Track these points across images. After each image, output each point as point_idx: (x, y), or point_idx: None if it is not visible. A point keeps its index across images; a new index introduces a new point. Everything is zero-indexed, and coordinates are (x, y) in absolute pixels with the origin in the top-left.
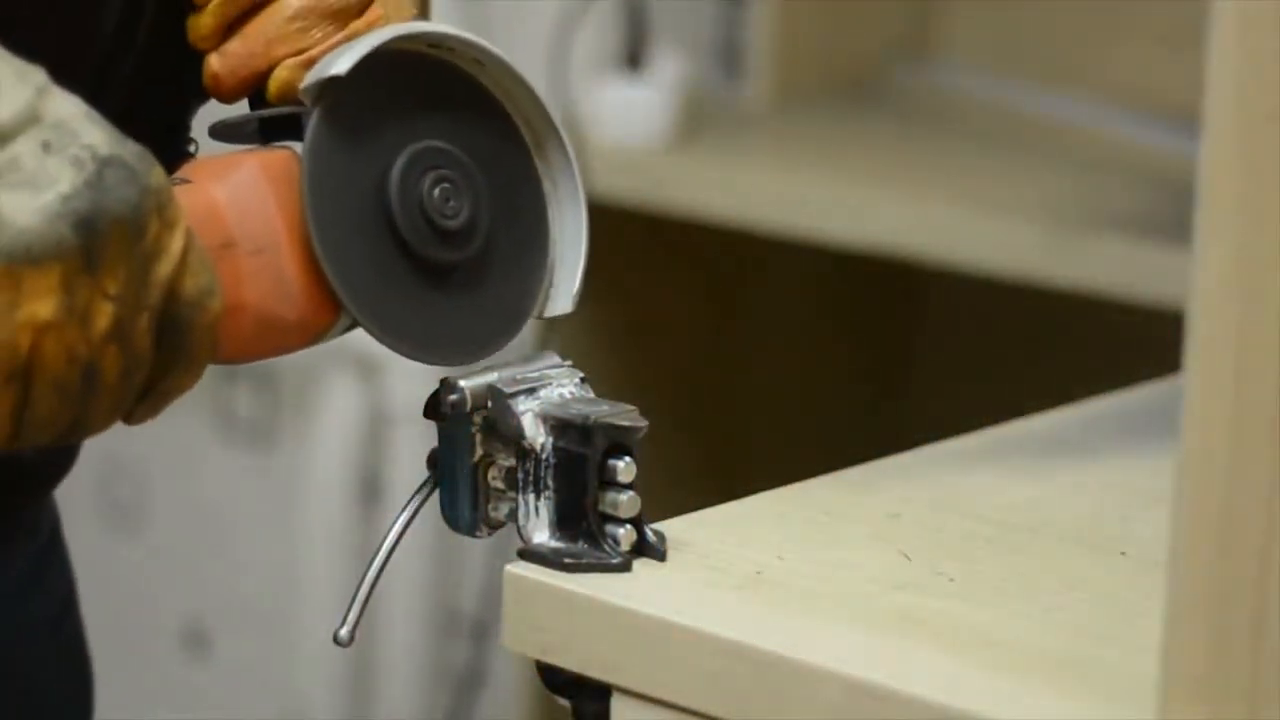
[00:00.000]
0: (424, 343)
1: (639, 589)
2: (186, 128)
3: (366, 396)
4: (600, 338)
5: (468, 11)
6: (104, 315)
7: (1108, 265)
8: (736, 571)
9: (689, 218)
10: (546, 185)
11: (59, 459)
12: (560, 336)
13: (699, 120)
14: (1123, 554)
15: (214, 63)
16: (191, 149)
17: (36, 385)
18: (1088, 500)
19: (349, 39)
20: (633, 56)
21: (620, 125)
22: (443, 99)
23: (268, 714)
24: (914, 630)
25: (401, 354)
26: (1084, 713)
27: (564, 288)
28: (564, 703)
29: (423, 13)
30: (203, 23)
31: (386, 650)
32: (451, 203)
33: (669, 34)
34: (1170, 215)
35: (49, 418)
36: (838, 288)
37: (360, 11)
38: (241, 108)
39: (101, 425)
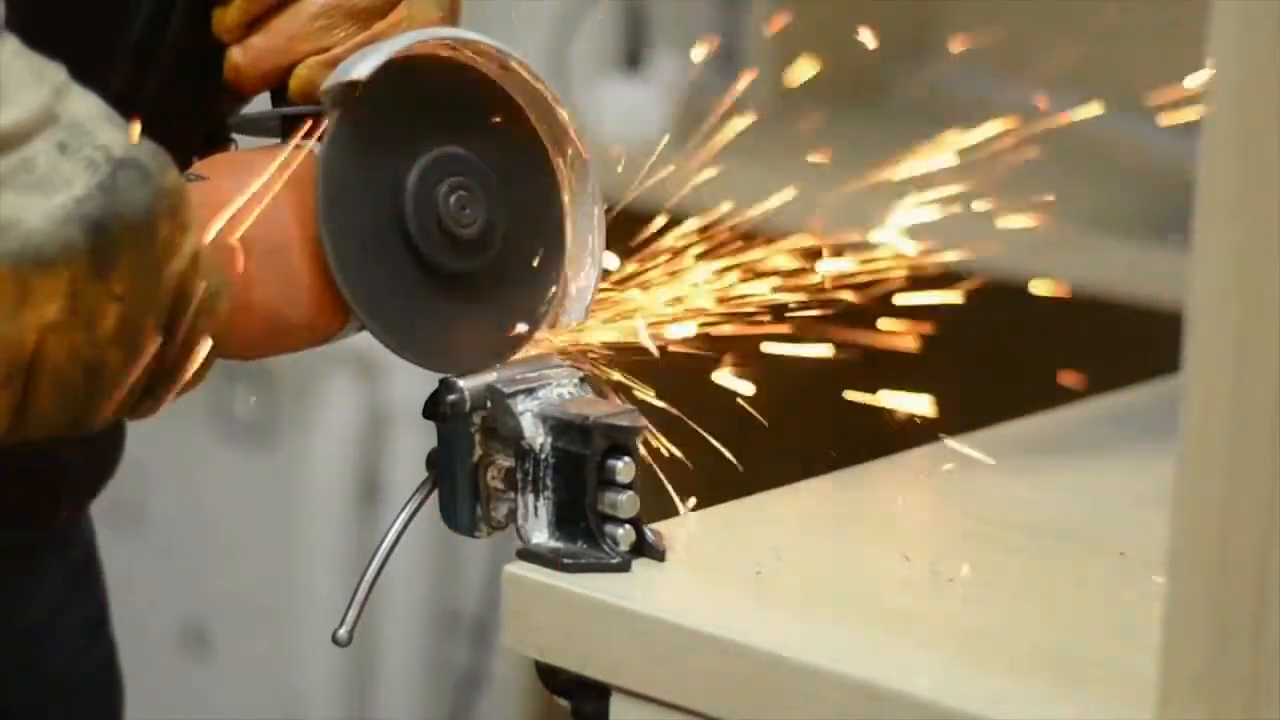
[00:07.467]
0: (432, 350)
1: (639, 589)
2: (225, 126)
3: (366, 396)
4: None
5: (467, 11)
6: (110, 315)
7: (1108, 265)
8: (736, 571)
9: (689, 218)
10: (565, 194)
11: (101, 467)
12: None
13: (699, 120)
14: (1122, 554)
15: (236, 55)
16: (233, 149)
17: (38, 383)
18: (1088, 500)
19: (372, 39)
20: (633, 56)
21: (620, 125)
22: (464, 104)
23: (268, 714)
24: (914, 630)
25: (408, 360)
26: (1084, 713)
27: (577, 297)
28: (564, 703)
29: (453, 14)
30: (228, 16)
31: (386, 650)
32: (467, 211)
33: (669, 34)
34: (1170, 215)
35: (49, 414)
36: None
37: (384, 12)
38: (265, 102)
39: (104, 421)
